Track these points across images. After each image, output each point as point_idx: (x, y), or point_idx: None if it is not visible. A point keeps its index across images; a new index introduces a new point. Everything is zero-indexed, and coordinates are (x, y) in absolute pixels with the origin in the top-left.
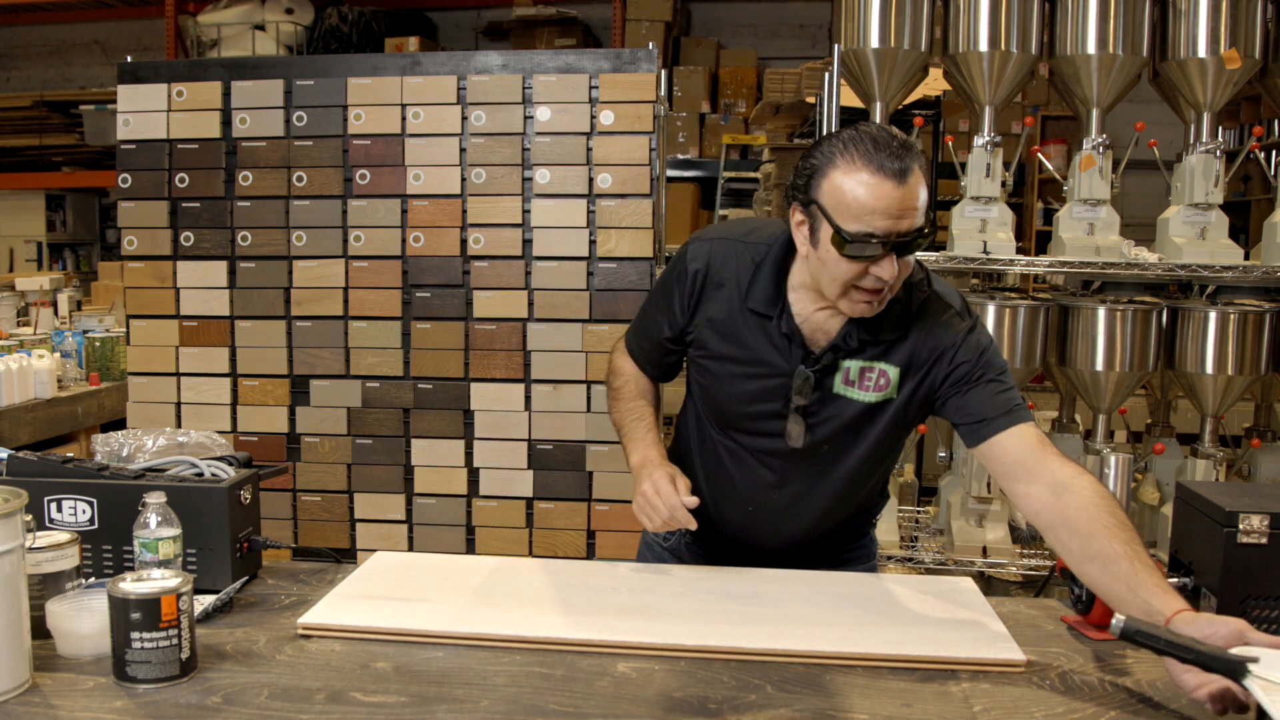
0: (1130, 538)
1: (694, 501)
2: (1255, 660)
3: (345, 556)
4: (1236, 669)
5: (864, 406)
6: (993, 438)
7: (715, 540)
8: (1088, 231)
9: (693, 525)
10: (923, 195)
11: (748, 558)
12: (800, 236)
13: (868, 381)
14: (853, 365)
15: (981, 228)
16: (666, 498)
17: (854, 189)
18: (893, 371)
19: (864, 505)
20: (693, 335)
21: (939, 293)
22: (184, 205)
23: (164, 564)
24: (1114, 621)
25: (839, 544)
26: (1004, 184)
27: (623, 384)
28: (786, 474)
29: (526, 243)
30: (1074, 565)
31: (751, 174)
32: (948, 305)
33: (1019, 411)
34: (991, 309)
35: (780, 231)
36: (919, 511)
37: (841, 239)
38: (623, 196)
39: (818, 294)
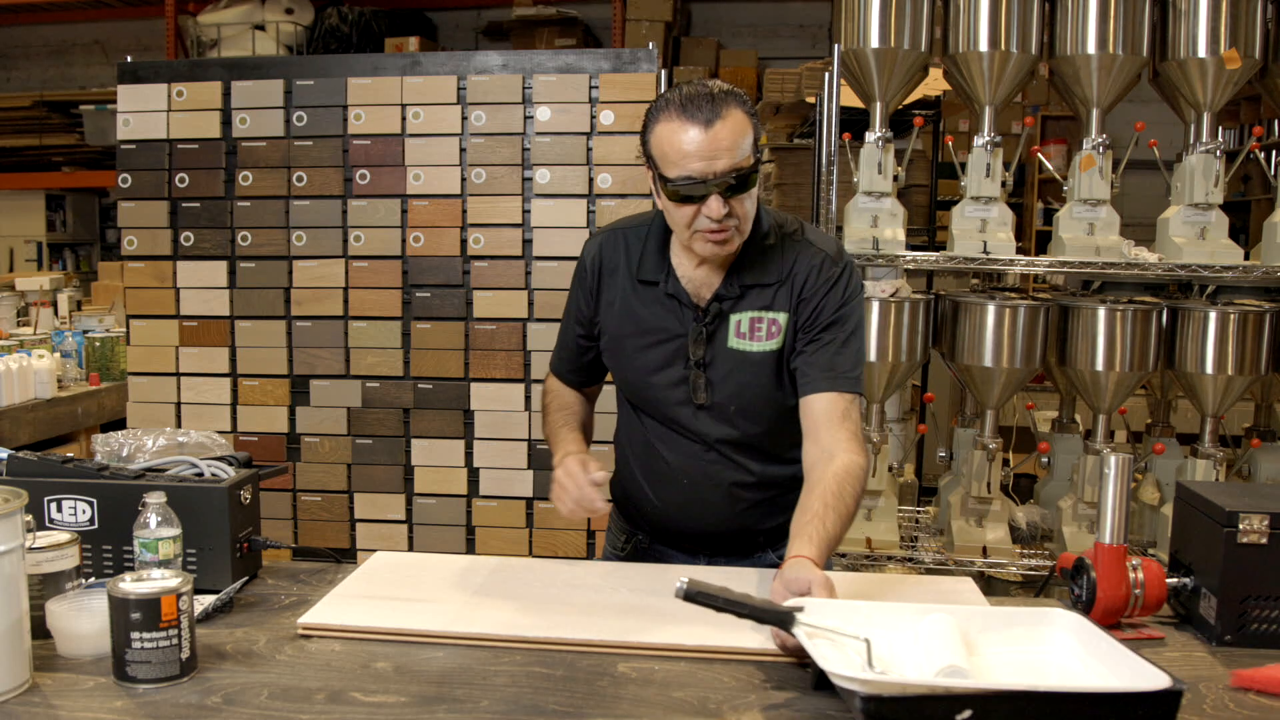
0: (834, 503)
1: (602, 477)
2: (801, 610)
3: (345, 556)
4: (785, 619)
5: (760, 356)
6: (809, 395)
7: (665, 531)
8: (1088, 231)
9: (599, 504)
10: (742, 135)
11: (701, 544)
12: (653, 190)
13: (759, 331)
14: (742, 318)
15: (981, 228)
16: (575, 478)
17: (668, 138)
18: (782, 318)
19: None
20: (599, 324)
21: (811, 240)
22: (184, 205)
23: (164, 564)
24: (676, 585)
25: (782, 527)
26: (1004, 184)
27: (549, 400)
28: (709, 439)
29: (526, 243)
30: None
31: None
32: (820, 250)
33: (843, 380)
34: (991, 309)
35: (655, 217)
36: (919, 511)
37: (666, 183)
38: (623, 196)
39: (686, 249)
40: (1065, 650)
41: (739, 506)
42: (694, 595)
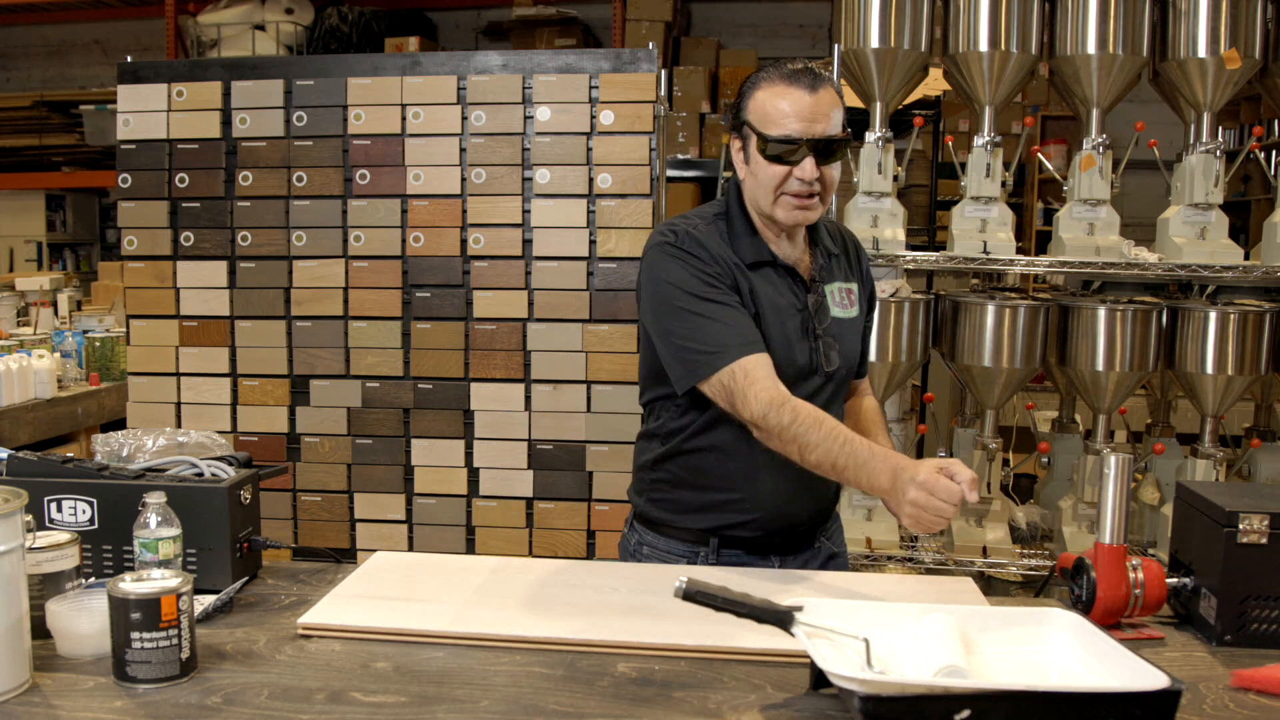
0: (879, 429)
1: (971, 479)
2: (799, 608)
3: (345, 556)
4: (785, 619)
5: (852, 322)
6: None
7: (750, 526)
8: (1088, 231)
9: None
10: (836, 107)
11: (775, 543)
12: (739, 162)
13: (844, 300)
14: (834, 288)
15: (981, 228)
16: (950, 499)
17: (773, 99)
18: (855, 287)
19: None
20: (744, 301)
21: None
22: (184, 205)
23: (164, 564)
24: (676, 584)
25: (829, 509)
26: (1004, 184)
27: (787, 421)
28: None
29: (526, 243)
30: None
31: None
32: (835, 225)
33: (865, 364)
34: (991, 309)
35: (710, 208)
36: None
37: (765, 142)
38: (623, 196)
39: (770, 229)
40: (1064, 650)
41: (815, 504)
42: (693, 594)
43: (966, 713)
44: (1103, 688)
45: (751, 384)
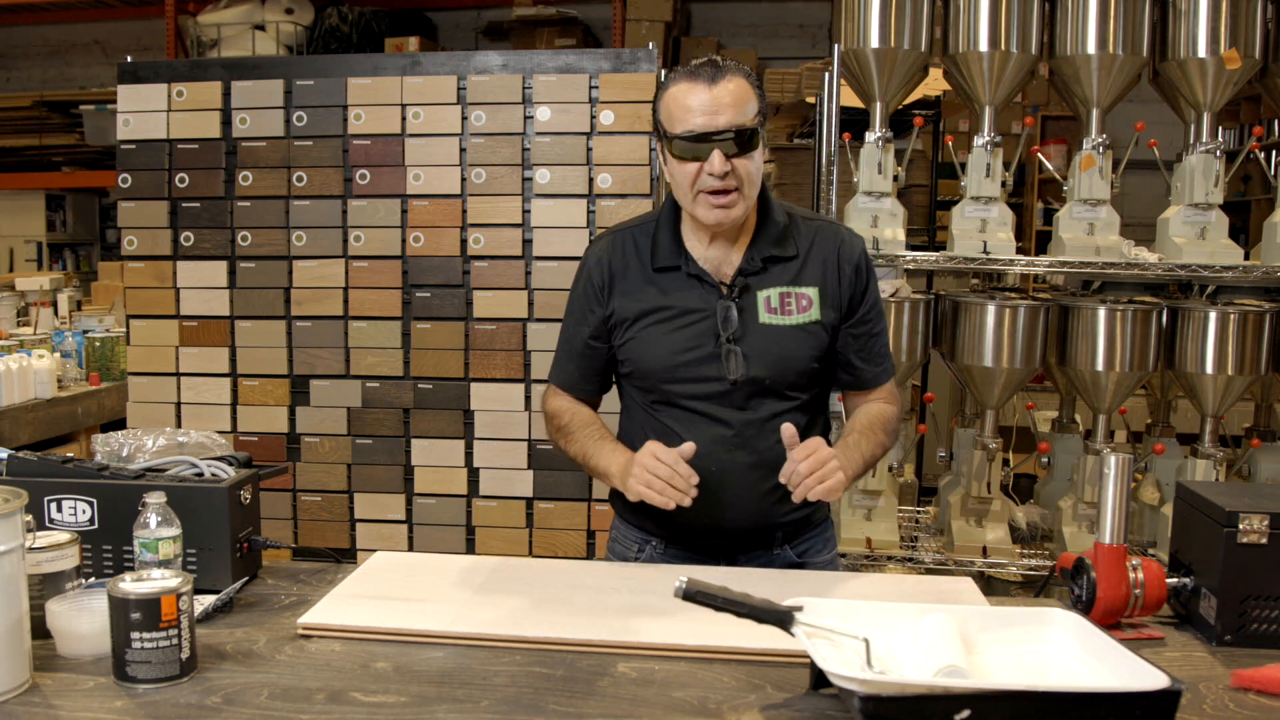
0: (867, 427)
1: (690, 449)
2: (800, 608)
3: (345, 556)
4: (785, 618)
5: (794, 330)
6: (863, 391)
7: (685, 531)
8: (1088, 231)
9: (694, 479)
10: (745, 98)
11: (721, 543)
12: (662, 163)
13: (789, 305)
14: (771, 294)
15: (981, 228)
16: (665, 458)
17: (675, 97)
18: (812, 292)
19: None
20: (613, 319)
21: (821, 220)
22: (184, 205)
23: (164, 564)
24: (676, 584)
25: (800, 520)
26: (1004, 184)
27: (566, 421)
28: (737, 421)
29: (526, 243)
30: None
31: None
32: (839, 228)
33: (886, 373)
34: (991, 309)
35: (667, 205)
36: (919, 511)
37: (670, 141)
38: (623, 196)
39: (698, 229)
40: (1064, 650)
41: (762, 492)
42: (693, 594)
43: (966, 713)
44: (1103, 688)
45: (555, 395)
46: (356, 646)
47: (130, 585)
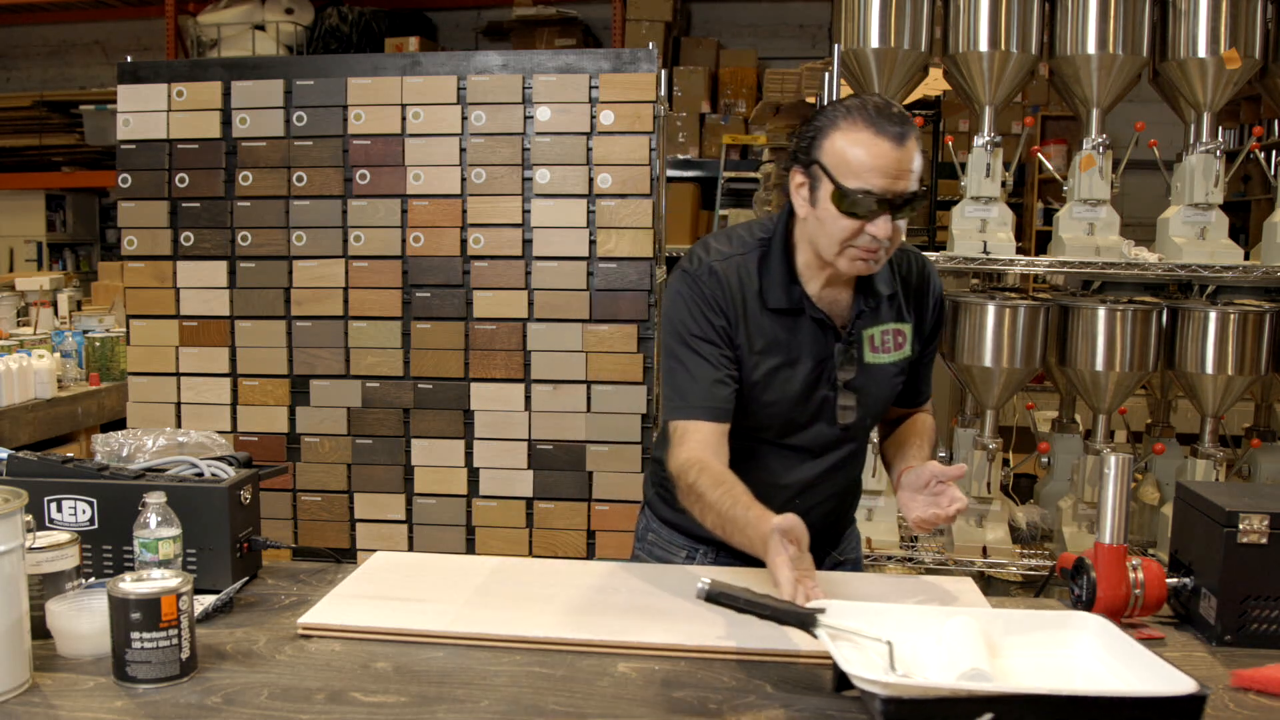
0: (921, 442)
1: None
2: (822, 610)
3: (345, 556)
4: (807, 620)
5: (889, 367)
6: (908, 409)
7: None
8: (1088, 231)
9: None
10: (917, 161)
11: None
12: (800, 199)
13: (887, 343)
14: (875, 332)
15: (981, 228)
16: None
17: (854, 148)
18: (907, 329)
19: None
20: (739, 351)
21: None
22: (184, 205)
23: (164, 564)
24: (698, 586)
25: (840, 527)
26: (1004, 184)
27: (695, 476)
28: (832, 457)
29: (526, 243)
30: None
31: (751, 174)
32: (909, 249)
33: (926, 392)
34: (991, 309)
35: (758, 230)
36: None
37: (841, 195)
38: (623, 196)
39: (820, 269)
40: (1089, 653)
41: (825, 512)
42: (715, 596)
43: (990, 716)
44: (1128, 692)
45: (682, 443)
46: (356, 646)
47: (130, 585)
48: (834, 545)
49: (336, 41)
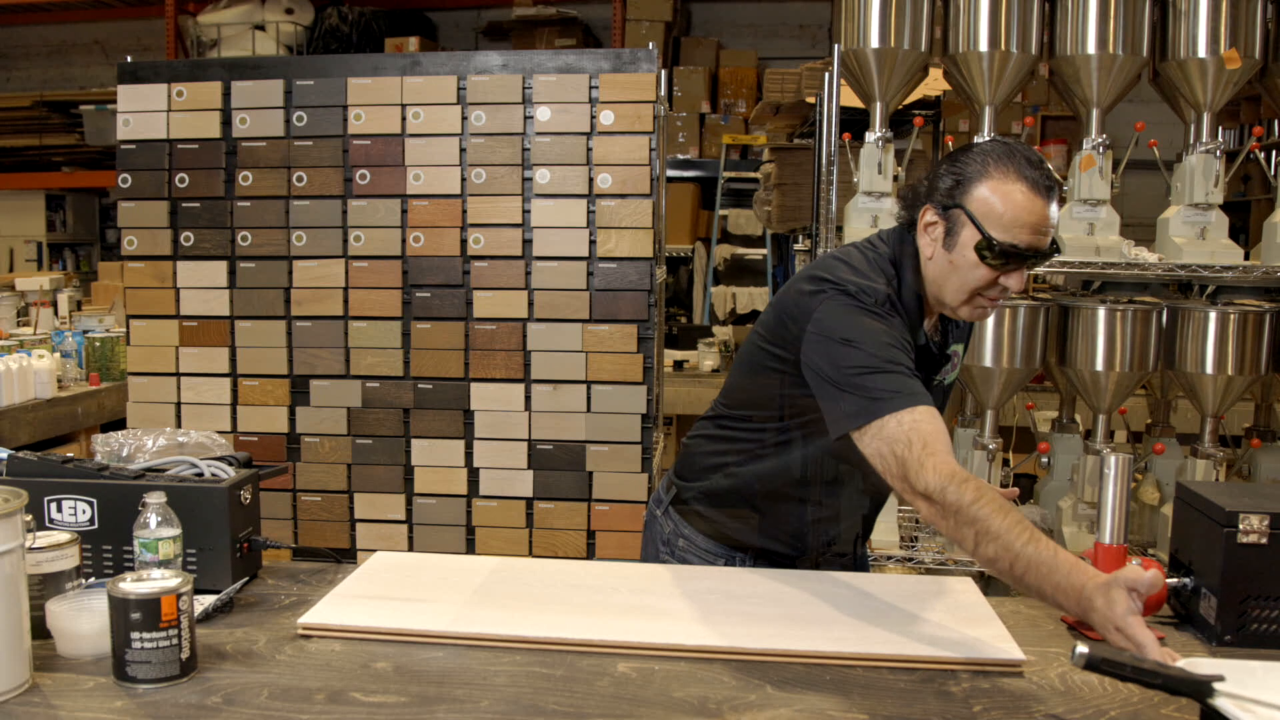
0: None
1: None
2: (1221, 679)
3: (345, 556)
4: (1203, 689)
5: (948, 388)
6: None
7: (779, 551)
8: (1088, 231)
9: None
10: (1057, 216)
11: (809, 559)
12: (928, 239)
13: (956, 363)
14: (951, 351)
15: None
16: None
17: (1010, 200)
18: (960, 349)
19: None
20: None
21: None
22: (184, 205)
23: (164, 564)
24: (1076, 653)
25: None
26: None
27: (970, 495)
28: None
29: (526, 243)
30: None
31: (751, 174)
32: None
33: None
34: None
35: (880, 262)
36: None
37: (988, 245)
38: (623, 196)
39: (930, 304)
40: None
41: (864, 518)
42: (1097, 664)
43: None
44: None
45: (930, 454)
46: (356, 646)
47: (130, 585)
48: (866, 535)
49: (336, 41)
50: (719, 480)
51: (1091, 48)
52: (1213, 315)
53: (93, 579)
